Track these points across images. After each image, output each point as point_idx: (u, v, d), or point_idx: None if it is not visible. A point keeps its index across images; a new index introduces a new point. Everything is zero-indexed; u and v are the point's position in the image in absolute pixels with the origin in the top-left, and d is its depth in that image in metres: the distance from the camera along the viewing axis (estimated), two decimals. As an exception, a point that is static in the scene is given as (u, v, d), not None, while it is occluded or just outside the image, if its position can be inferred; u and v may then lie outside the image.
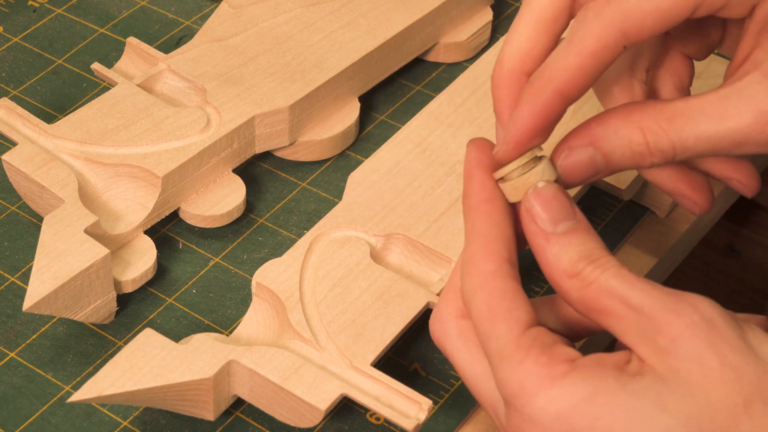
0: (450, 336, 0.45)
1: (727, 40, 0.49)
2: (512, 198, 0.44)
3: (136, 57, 0.65)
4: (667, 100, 0.45)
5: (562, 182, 0.45)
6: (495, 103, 0.46)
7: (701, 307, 0.40)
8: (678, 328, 0.40)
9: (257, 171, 0.65)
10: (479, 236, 0.44)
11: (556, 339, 0.42)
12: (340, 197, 0.61)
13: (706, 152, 0.44)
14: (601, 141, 0.44)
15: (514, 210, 0.45)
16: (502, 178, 0.44)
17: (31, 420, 0.53)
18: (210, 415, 0.52)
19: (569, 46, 0.43)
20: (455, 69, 0.71)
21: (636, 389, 0.40)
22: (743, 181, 0.49)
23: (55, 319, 0.57)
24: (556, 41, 0.45)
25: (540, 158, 0.44)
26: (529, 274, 0.59)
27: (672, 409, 0.39)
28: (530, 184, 0.44)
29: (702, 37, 0.49)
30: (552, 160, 0.45)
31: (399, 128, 0.65)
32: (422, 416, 0.50)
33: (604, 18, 0.43)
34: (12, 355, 0.56)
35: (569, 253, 0.42)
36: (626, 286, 0.41)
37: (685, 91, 0.50)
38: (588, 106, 0.63)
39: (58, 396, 0.54)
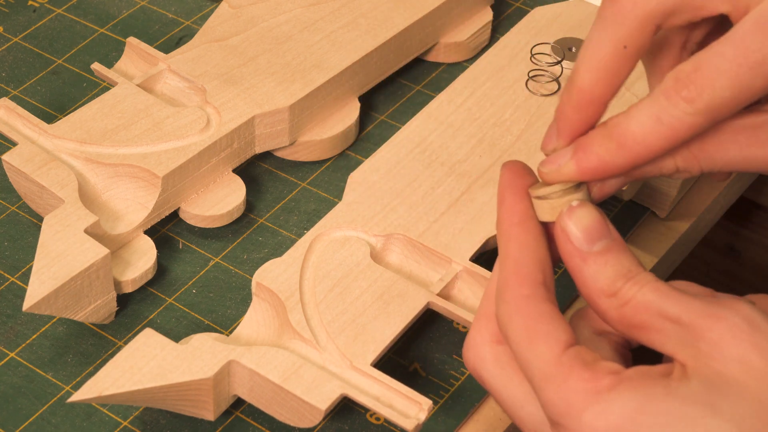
0: (486, 362, 0.45)
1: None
2: (546, 217, 0.44)
3: (136, 57, 0.65)
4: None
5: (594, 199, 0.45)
6: (559, 123, 0.45)
7: (741, 309, 0.40)
8: (718, 332, 0.40)
9: (257, 171, 0.65)
10: (512, 260, 0.43)
11: (596, 356, 0.42)
12: (340, 197, 0.61)
13: (739, 170, 0.45)
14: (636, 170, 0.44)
15: (548, 230, 0.44)
16: (540, 197, 0.44)
17: (31, 420, 0.53)
18: (210, 415, 0.52)
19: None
20: (455, 69, 0.71)
21: (685, 395, 0.39)
22: None
23: (55, 319, 0.57)
24: (631, 69, 0.44)
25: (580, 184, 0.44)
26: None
27: (724, 412, 0.39)
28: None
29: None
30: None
31: (399, 128, 0.65)
32: (422, 416, 0.50)
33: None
34: (12, 355, 0.56)
35: (606, 272, 0.42)
36: (662, 299, 0.41)
37: None
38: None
39: (58, 396, 0.54)
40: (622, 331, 0.42)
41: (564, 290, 0.59)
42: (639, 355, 0.46)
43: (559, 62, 0.65)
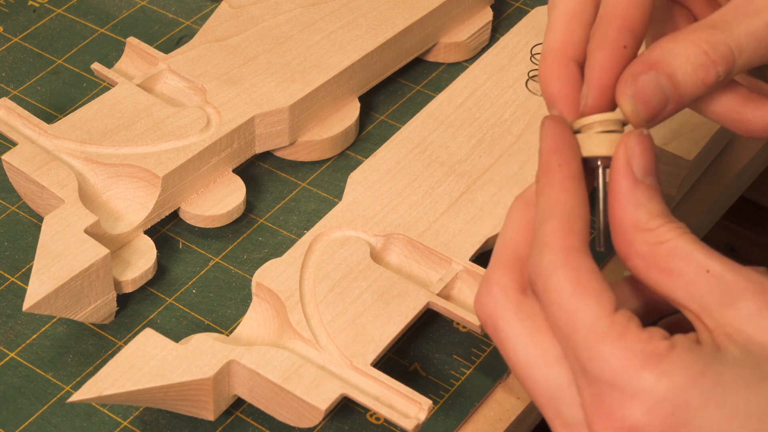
0: (507, 311, 0.42)
1: None
2: (592, 150, 0.43)
3: (136, 57, 0.65)
4: (702, 19, 0.44)
5: (637, 124, 0.43)
6: (546, 92, 0.45)
7: None
8: (761, 302, 0.39)
9: (257, 171, 0.65)
10: (563, 211, 0.42)
11: (638, 321, 0.40)
12: (340, 197, 0.61)
13: (761, 50, 0.44)
14: (661, 63, 0.43)
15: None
16: (591, 128, 0.43)
17: (31, 420, 0.53)
18: (210, 415, 0.52)
19: None
20: (455, 69, 0.71)
21: (734, 361, 0.39)
22: None
23: (55, 319, 0.57)
24: (590, 27, 0.45)
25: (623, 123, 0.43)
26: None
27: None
28: (618, 139, 0.42)
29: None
30: (619, 104, 0.43)
31: (399, 128, 0.65)
32: (422, 416, 0.50)
33: None
34: (12, 355, 0.56)
35: (649, 206, 0.41)
36: (704, 253, 0.40)
37: None
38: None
39: (58, 396, 0.54)
40: (643, 270, 0.41)
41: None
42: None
43: None
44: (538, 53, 0.66)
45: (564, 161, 0.43)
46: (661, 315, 0.45)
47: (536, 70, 0.65)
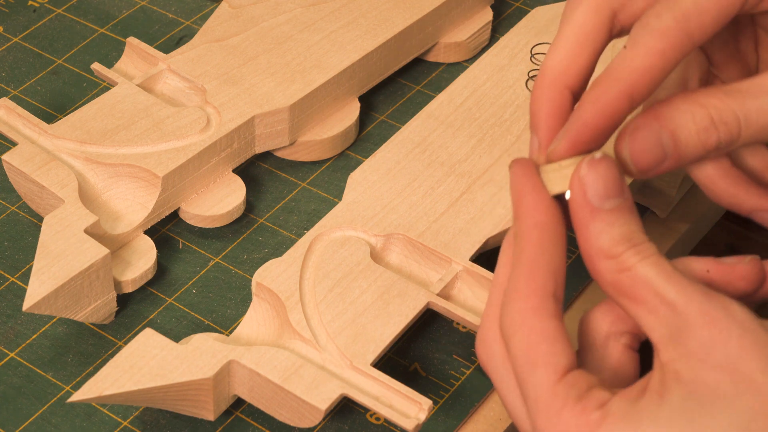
0: (495, 358, 0.44)
1: (762, 55, 0.49)
2: (558, 188, 0.43)
3: (136, 57, 0.65)
4: (725, 84, 0.44)
5: (631, 174, 0.44)
6: (532, 114, 0.45)
7: (736, 312, 0.40)
8: (710, 333, 0.39)
9: (257, 171, 0.65)
10: (526, 265, 0.42)
11: (591, 382, 0.41)
12: (340, 197, 0.61)
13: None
14: (666, 119, 0.43)
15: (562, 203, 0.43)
16: (554, 170, 0.43)
17: (31, 420, 0.53)
18: (210, 415, 0.52)
19: (635, 48, 0.42)
20: (455, 69, 0.71)
21: (667, 417, 0.39)
22: None
23: (55, 319, 0.57)
24: (597, 56, 0.45)
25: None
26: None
27: (705, 428, 0.39)
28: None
29: (740, 61, 0.49)
30: (616, 151, 0.43)
31: (399, 128, 0.65)
32: (422, 416, 0.50)
33: (667, 20, 0.42)
34: (12, 355, 0.56)
35: (611, 232, 0.41)
36: (663, 279, 0.40)
37: None
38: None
39: (58, 396, 0.54)
40: (613, 297, 0.42)
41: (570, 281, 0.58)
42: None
43: None
44: (539, 53, 0.66)
45: (527, 211, 0.43)
46: None
47: (536, 70, 0.65)
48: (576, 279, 0.60)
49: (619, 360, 0.44)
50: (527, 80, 0.65)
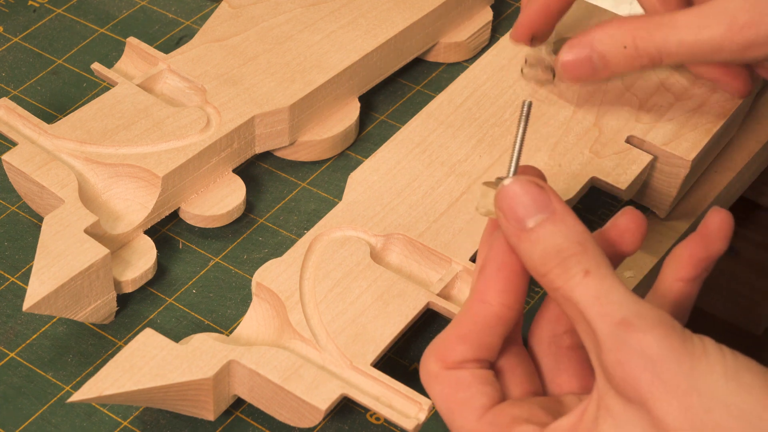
0: (432, 389, 0.45)
1: None
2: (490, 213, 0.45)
3: (136, 57, 0.65)
4: (659, 14, 0.54)
5: (563, 78, 0.54)
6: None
7: (646, 342, 0.39)
8: (617, 359, 0.39)
9: (257, 171, 0.65)
10: (457, 326, 0.44)
11: (515, 415, 0.42)
12: (340, 197, 0.61)
13: (689, 59, 0.53)
14: (597, 42, 0.54)
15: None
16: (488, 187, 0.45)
17: (31, 420, 0.53)
18: (210, 415, 0.52)
19: None
20: (455, 69, 0.71)
21: None
22: (732, 83, 0.58)
23: (55, 319, 0.57)
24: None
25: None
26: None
27: None
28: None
29: None
30: (556, 61, 0.57)
31: (399, 128, 0.65)
32: (422, 416, 0.50)
33: None
34: (12, 355, 0.56)
35: (536, 251, 0.42)
36: (586, 298, 0.40)
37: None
38: (588, 105, 0.63)
39: (58, 396, 0.54)
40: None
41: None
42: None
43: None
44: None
45: (478, 287, 0.44)
46: None
47: (533, 56, 0.65)
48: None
49: (573, 369, 0.46)
50: (522, 67, 0.65)
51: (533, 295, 0.59)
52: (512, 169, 0.44)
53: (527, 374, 0.45)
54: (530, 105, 0.45)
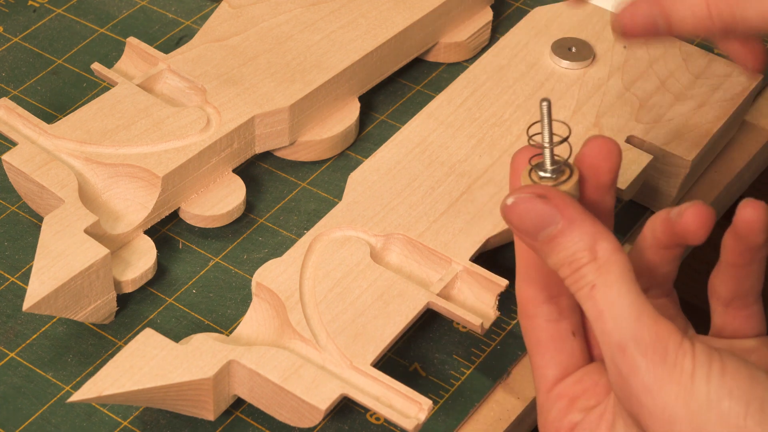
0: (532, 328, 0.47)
1: None
2: None
3: (136, 57, 0.65)
4: None
5: (622, 33, 0.48)
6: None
7: (637, 369, 0.41)
8: (614, 378, 0.41)
9: (257, 171, 0.65)
10: (521, 272, 0.46)
11: (576, 392, 0.45)
12: (340, 197, 0.61)
13: (764, 29, 0.47)
14: (666, 6, 0.47)
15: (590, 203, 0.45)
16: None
17: (31, 420, 0.53)
18: (210, 415, 0.52)
19: None
20: (455, 69, 0.71)
21: None
22: (749, 58, 0.52)
23: (55, 319, 0.57)
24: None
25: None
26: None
27: None
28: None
29: None
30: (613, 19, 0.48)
31: (399, 128, 0.65)
32: (422, 416, 0.50)
33: None
34: (12, 355, 0.56)
35: (550, 261, 0.43)
36: (591, 314, 0.42)
37: None
38: (588, 105, 0.63)
39: (58, 396, 0.54)
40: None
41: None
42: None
43: (564, 140, 0.48)
44: (535, 133, 0.59)
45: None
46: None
47: (537, 134, 0.59)
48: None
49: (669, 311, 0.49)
50: (529, 138, 0.60)
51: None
52: (549, 169, 0.44)
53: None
54: (549, 103, 0.44)
